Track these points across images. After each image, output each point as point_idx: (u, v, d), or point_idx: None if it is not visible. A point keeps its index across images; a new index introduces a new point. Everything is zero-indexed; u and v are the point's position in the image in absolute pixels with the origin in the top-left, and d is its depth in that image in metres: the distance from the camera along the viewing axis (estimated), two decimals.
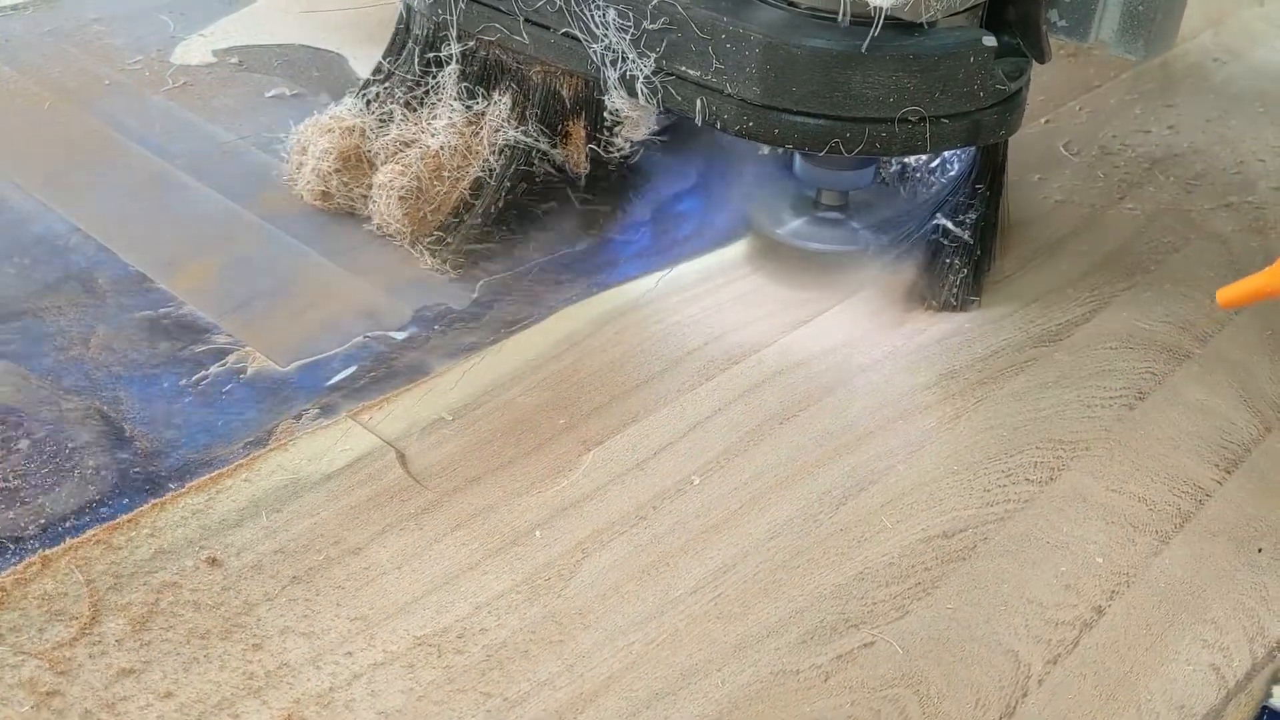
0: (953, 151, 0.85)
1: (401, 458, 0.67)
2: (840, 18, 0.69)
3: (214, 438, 0.68)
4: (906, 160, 0.90)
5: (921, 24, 0.69)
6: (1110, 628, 0.59)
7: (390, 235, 0.85)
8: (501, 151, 0.84)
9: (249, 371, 0.73)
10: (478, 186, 0.85)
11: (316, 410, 0.70)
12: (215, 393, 0.72)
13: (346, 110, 0.89)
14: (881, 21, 0.67)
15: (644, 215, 0.92)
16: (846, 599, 0.60)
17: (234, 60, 1.13)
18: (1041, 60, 0.75)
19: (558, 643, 0.57)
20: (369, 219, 0.86)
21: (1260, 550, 0.64)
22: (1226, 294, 0.68)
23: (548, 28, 0.79)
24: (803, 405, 0.73)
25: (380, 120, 0.88)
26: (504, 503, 0.65)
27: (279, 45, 1.17)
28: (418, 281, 0.83)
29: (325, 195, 0.88)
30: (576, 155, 0.87)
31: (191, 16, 1.21)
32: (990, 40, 0.70)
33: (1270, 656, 0.58)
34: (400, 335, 0.77)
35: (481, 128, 0.84)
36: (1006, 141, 0.79)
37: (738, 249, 0.89)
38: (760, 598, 0.60)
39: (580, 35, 0.76)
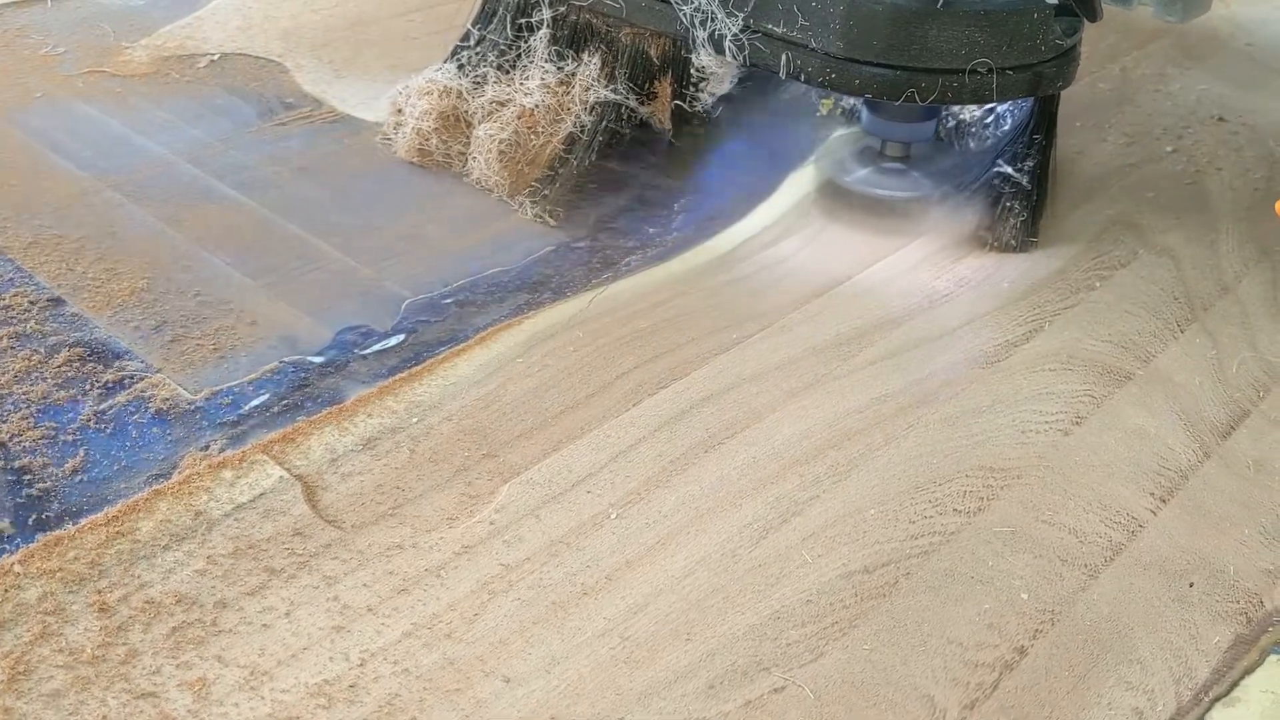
0: (1005, 108, 0.94)
1: (309, 491, 0.64)
2: None
3: (116, 471, 0.65)
4: (962, 116, 0.98)
5: None
6: (1031, 669, 0.57)
7: (489, 188, 0.93)
8: (592, 109, 0.91)
9: (158, 400, 0.70)
10: (570, 141, 0.92)
11: (225, 441, 0.68)
12: (121, 423, 0.69)
13: (442, 74, 0.96)
14: None
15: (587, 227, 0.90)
16: (760, 640, 0.57)
17: (173, 72, 1.10)
18: (1093, 19, 0.80)
19: (454, 692, 0.54)
20: (467, 174, 0.94)
21: (1191, 585, 0.61)
22: None
23: None
24: (729, 432, 0.70)
25: (474, 83, 0.95)
26: (411, 540, 0.62)
27: (221, 55, 1.13)
28: (342, 302, 0.80)
29: (424, 152, 0.96)
30: (662, 112, 0.94)
31: (134, 24, 1.18)
32: None
33: (1197, 700, 0.56)
34: (318, 359, 0.74)
35: (573, 87, 0.91)
36: (1059, 94, 0.86)
37: (679, 264, 0.86)
38: (671, 640, 0.57)
39: None
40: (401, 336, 0.77)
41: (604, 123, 0.92)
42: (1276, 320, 0.82)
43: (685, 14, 0.85)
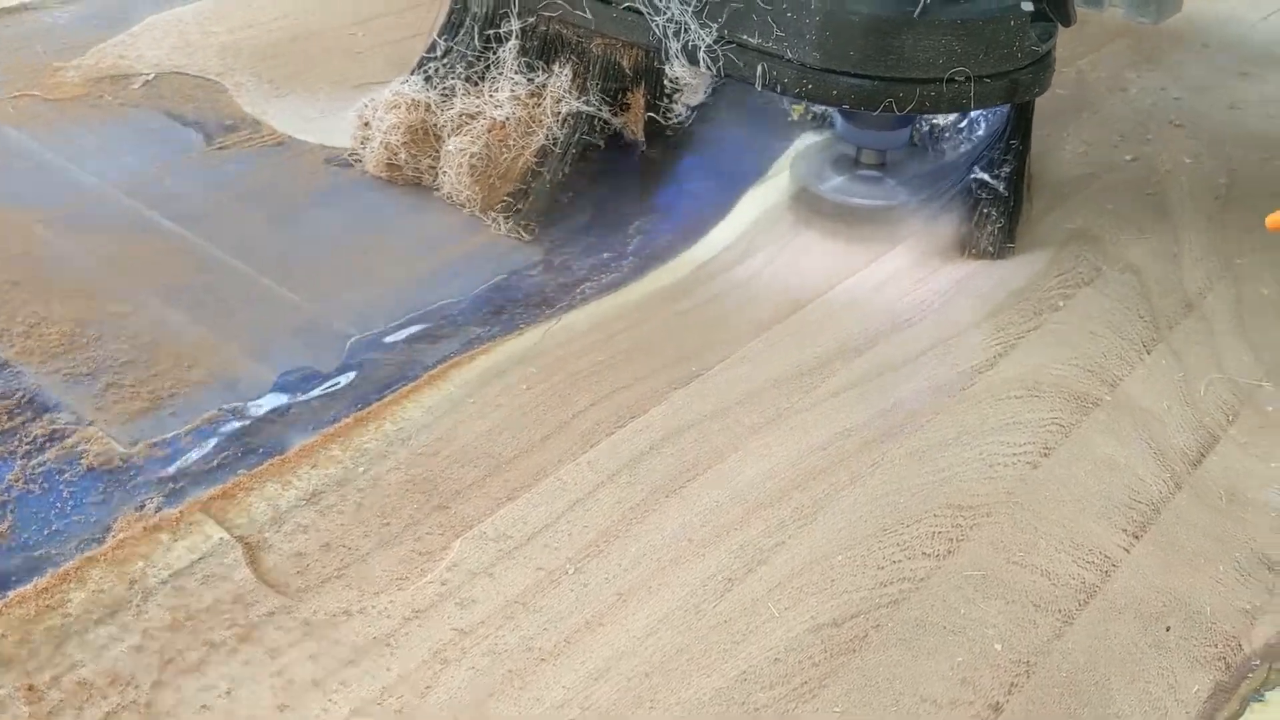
0: (979, 113, 0.93)
1: (251, 553, 0.61)
2: None
3: (46, 537, 0.61)
4: (936, 120, 0.97)
5: None
6: None
7: (460, 203, 0.90)
8: (564, 121, 0.89)
9: (91, 455, 0.66)
10: (543, 154, 0.90)
11: (162, 499, 0.64)
12: (52, 482, 0.65)
13: (409, 86, 0.94)
14: None
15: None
16: (727, 705, 0.55)
17: (106, 94, 1.05)
18: (1067, 23, 0.80)
19: None
20: (437, 189, 0.92)
21: (1168, 629, 0.59)
22: (1276, 218, 0.69)
23: (610, 3, 0.84)
24: (691, 474, 0.67)
25: (443, 95, 0.93)
26: (359, 604, 0.58)
27: (156, 75, 1.09)
28: (285, 341, 0.76)
29: (393, 167, 0.94)
30: (635, 123, 0.92)
31: (66, 42, 1.13)
32: (1029, 5, 0.77)
33: None
34: (259, 406, 0.71)
35: (544, 99, 0.90)
36: (1034, 100, 0.85)
37: (637, 289, 0.83)
38: (633, 710, 0.54)
39: (643, 8, 0.82)
40: (347, 377, 0.74)
41: (577, 135, 0.90)
42: (1242, 338, 0.80)
43: (658, 25, 0.83)
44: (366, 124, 0.96)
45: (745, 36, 0.80)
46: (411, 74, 0.96)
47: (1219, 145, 1.05)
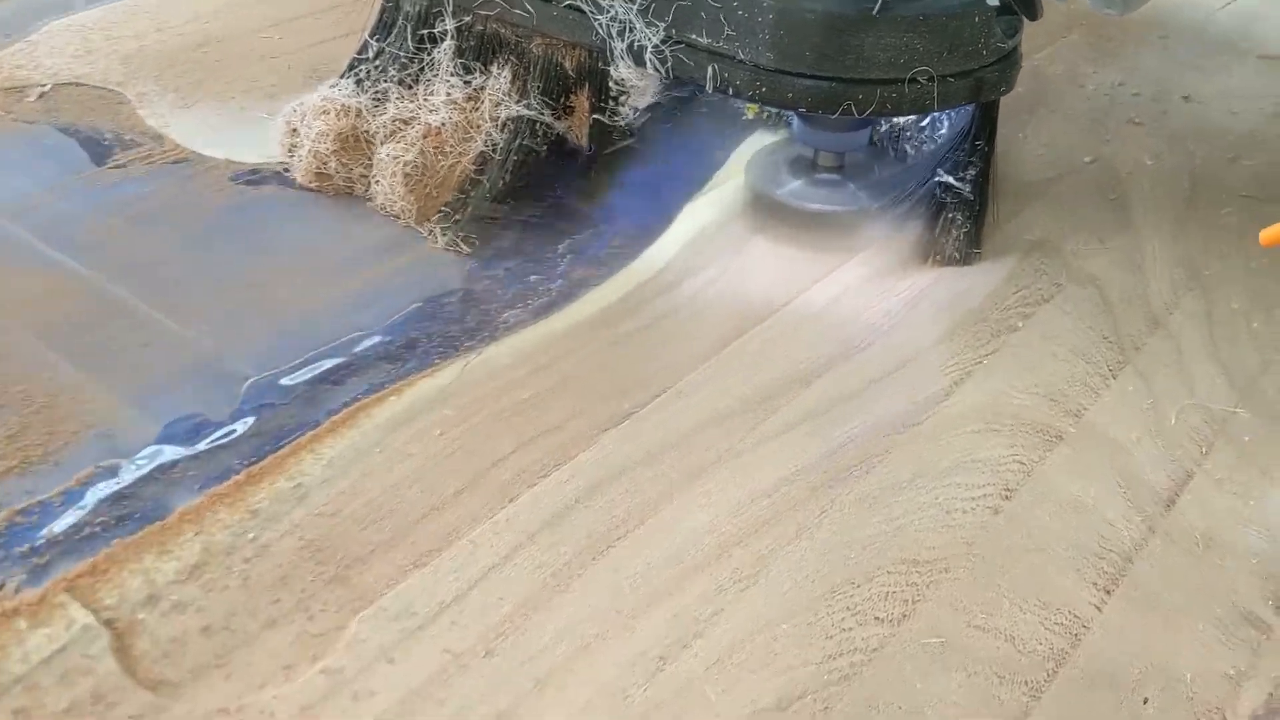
0: (943, 112, 0.87)
1: (120, 641, 0.53)
2: None
3: None
4: (897, 121, 0.91)
5: None
6: None
7: (395, 214, 0.84)
8: (504, 126, 0.83)
9: None
10: (482, 161, 0.83)
11: (25, 576, 0.56)
12: None
13: (339, 90, 0.87)
14: None
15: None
16: None
17: None
18: (1033, 17, 0.74)
19: None
20: (370, 199, 0.85)
21: (1146, 701, 0.53)
22: (1269, 233, 0.64)
23: (549, 0, 0.77)
24: (620, 531, 0.60)
25: (375, 99, 0.86)
26: (239, 700, 0.51)
27: (53, 86, 1.00)
28: (174, 385, 0.69)
29: (323, 176, 0.86)
30: (580, 127, 0.85)
31: None
32: (994, 0, 0.71)
33: None
34: (140, 463, 0.63)
35: (482, 102, 0.83)
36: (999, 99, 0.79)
37: (568, 315, 0.76)
38: None
39: (585, 7, 0.76)
40: (243, 425, 0.66)
41: (517, 140, 0.83)
42: (1213, 358, 0.75)
43: (601, 24, 0.77)
44: (295, 131, 0.89)
45: (694, 36, 0.74)
46: (342, 77, 0.89)
47: (1180, 143, 0.99)
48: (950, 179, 0.80)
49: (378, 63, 0.89)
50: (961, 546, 0.60)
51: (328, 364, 0.71)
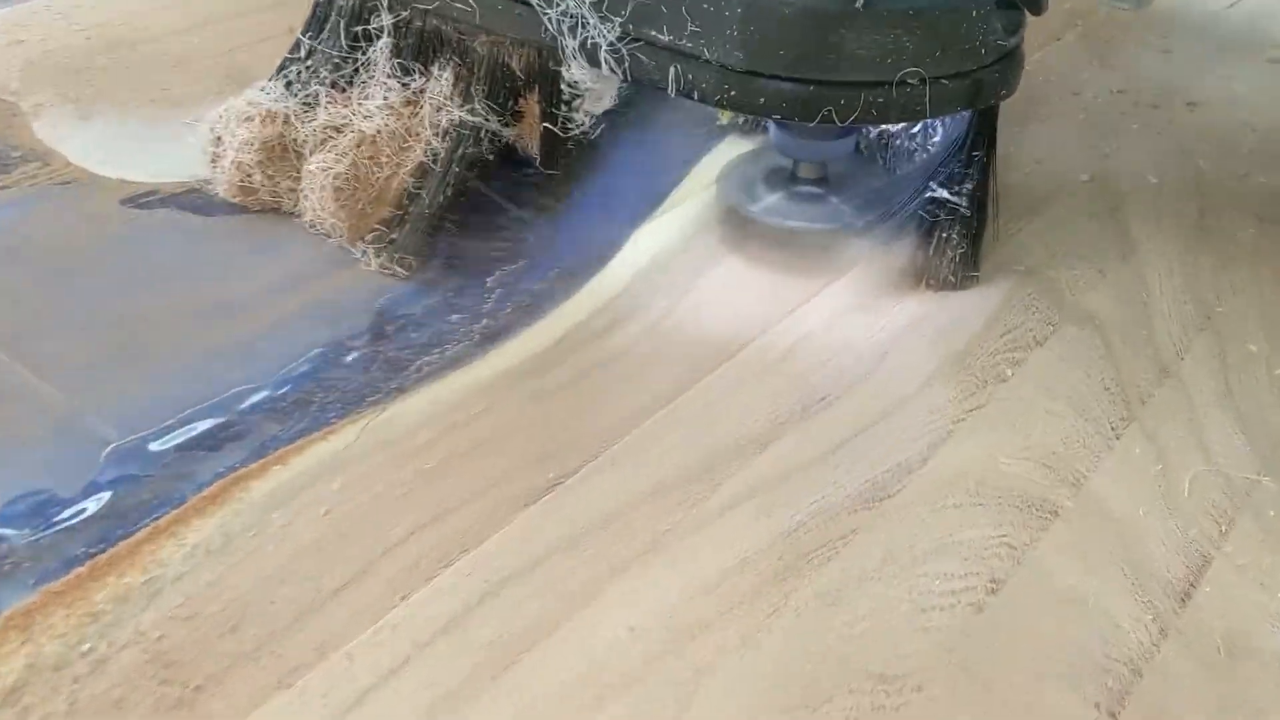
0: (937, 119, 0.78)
1: None
2: None
3: None
4: (886, 126, 0.81)
5: None
6: None
7: (326, 233, 0.75)
8: (446, 133, 0.74)
9: None
10: (421, 173, 0.74)
11: None
12: None
13: (266, 94, 0.78)
14: None
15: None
16: None
17: None
18: (1037, 11, 0.66)
19: None
20: (299, 215, 0.76)
21: None
22: None
23: None
24: (529, 641, 0.50)
25: (305, 104, 0.77)
26: None
27: None
28: (21, 455, 0.58)
29: (247, 190, 0.78)
30: (530, 135, 0.77)
31: None
32: None
33: None
34: None
35: (421, 107, 0.74)
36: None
37: (492, 363, 0.66)
38: None
39: (532, 0, 0.68)
40: (93, 504, 0.56)
41: (460, 150, 0.74)
42: (1230, 412, 0.65)
43: (550, 19, 0.68)
44: (219, 140, 0.79)
45: (654, 33, 0.65)
46: (271, 79, 0.80)
47: (1186, 159, 0.89)
48: (945, 193, 0.72)
49: (309, 63, 0.79)
50: (939, 655, 0.50)
51: (204, 425, 0.61)
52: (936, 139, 0.79)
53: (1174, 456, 0.61)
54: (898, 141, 0.82)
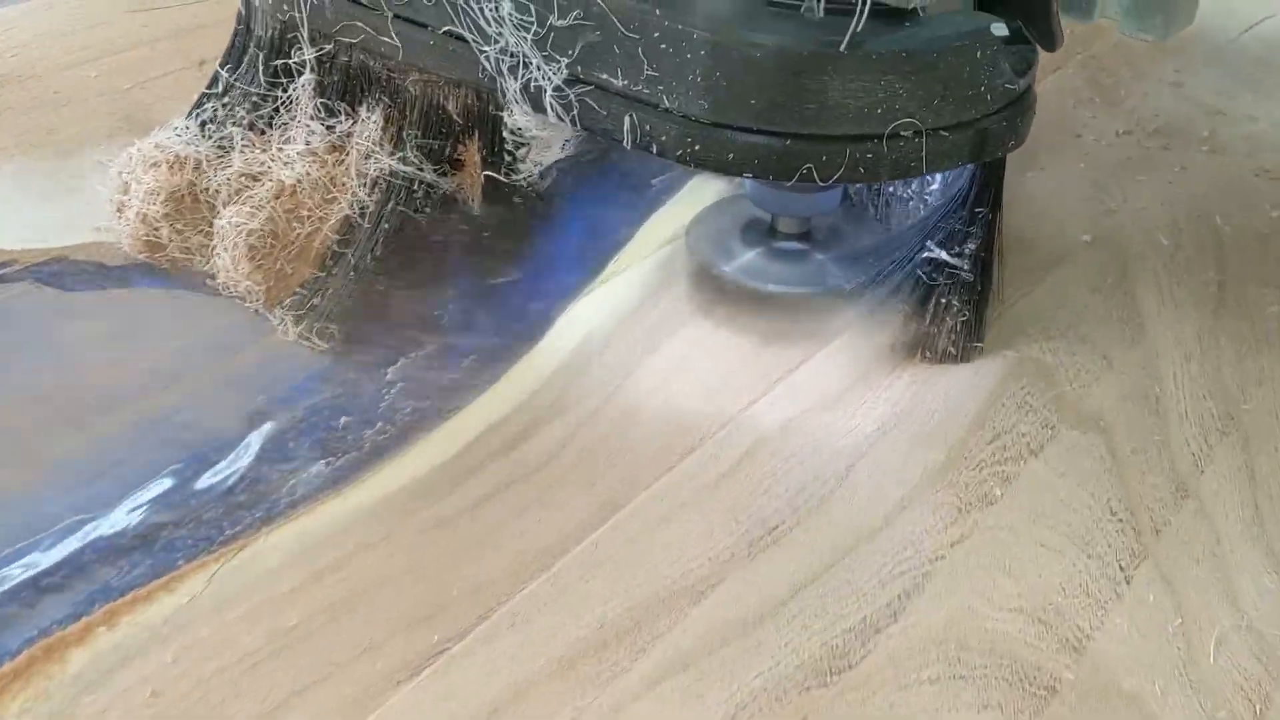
0: None
1: None
2: (809, 5, 0.54)
3: None
4: None
5: (915, 9, 0.54)
6: None
7: (240, 296, 0.65)
8: (375, 184, 0.65)
9: None
10: (347, 229, 0.65)
11: None
12: None
13: (179, 136, 0.69)
14: (867, 9, 0.52)
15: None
16: None
17: None
18: (1052, 47, 0.59)
19: None
20: (211, 275, 0.66)
21: None
22: None
23: (425, 25, 0.61)
24: None
25: (219, 147, 0.68)
26: None
27: None
28: None
29: (154, 246, 0.68)
30: (471, 186, 0.69)
31: None
32: (1000, 28, 0.56)
33: None
34: None
35: (348, 154, 0.66)
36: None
37: (378, 484, 0.55)
38: None
39: (468, 35, 0.59)
40: None
41: (391, 203, 0.66)
42: (1259, 544, 0.54)
43: (489, 58, 0.59)
44: (127, 188, 0.69)
45: (606, 76, 0.56)
46: (186, 118, 0.70)
47: (1203, 216, 0.78)
48: (944, 254, 0.62)
49: (226, 100, 0.70)
50: None
51: (22, 572, 0.50)
52: (935, 187, 0.69)
53: (1195, 607, 0.50)
54: (891, 189, 0.72)
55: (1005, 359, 0.65)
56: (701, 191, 0.77)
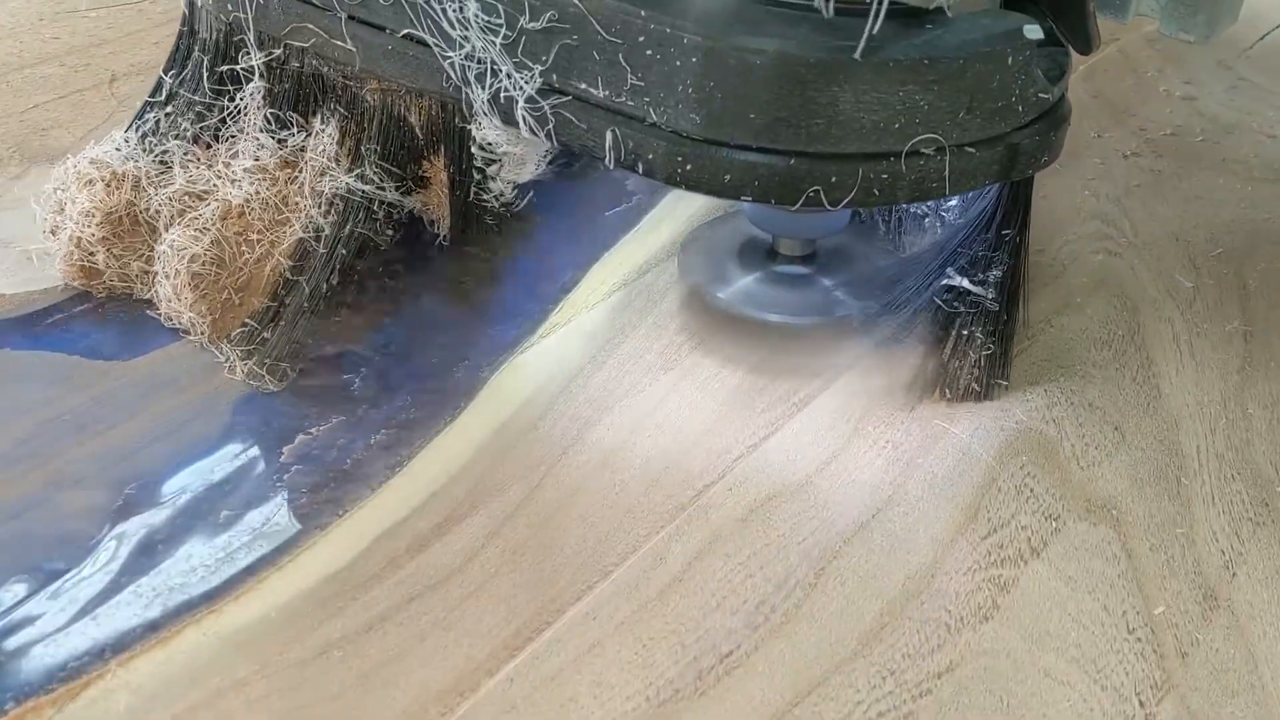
0: None
1: None
2: (818, 3, 0.47)
3: None
4: None
5: (938, 8, 0.48)
6: None
7: (183, 329, 0.59)
8: (331, 204, 0.59)
9: None
10: (301, 254, 0.59)
11: None
12: None
13: (116, 150, 0.62)
14: (884, 10, 0.45)
15: None
16: None
17: None
18: (1086, 50, 0.53)
19: None
20: (152, 304, 0.60)
21: None
22: None
23: (382, 28, 0.55)
24: None
25: (161, 163, 0.62)
26: None
27: None
28: None
29: (91, 273, 0.62)
30: (439, 205, 0.64)
31: None
32: (1035, 30, 0.49)
33: None
34: None
35: (301, 171, 0.60)
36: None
37: (255, 603, 0.46)
38: None
39: (429, 39, 0.53)
40: None
41: (349, 226, 0.59)
42: None
43: (454, 65, 0.52)
44: (61, 207, 0.62)
45: (585, 86, 0.49)
46: (127, 130, 0.64)
47: (1225, 253, 0.69)
48: (965, 282, 0.55)
49: (170, 110, 0.63)
50: None
51: None
52: (953, 203, 0.63)
53: None
54: (905, 206, 0.65)
55: (1003, 431, 0.56)
56: (672, 217, 0.69)
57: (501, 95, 0.51)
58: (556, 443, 0.54)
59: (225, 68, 0.61)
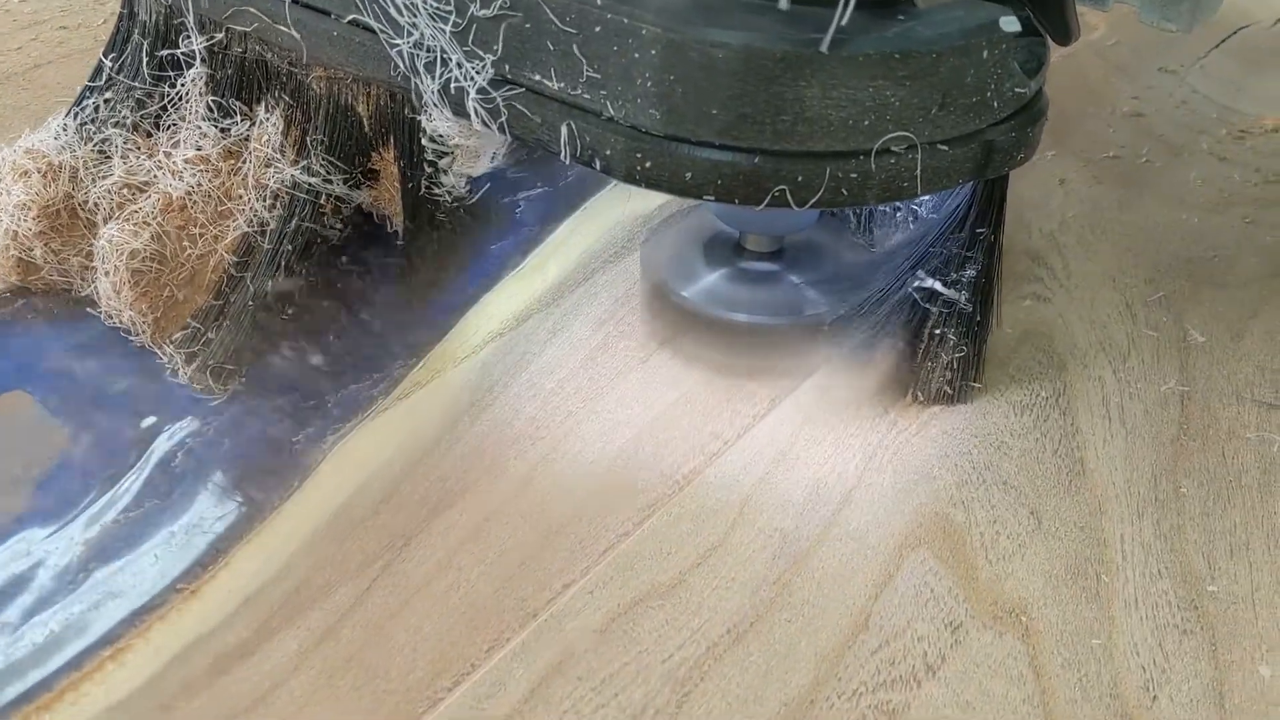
0: None
1: None
2: None
3: None
4: None
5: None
6: None
7: (125, 327, 0.56)
8: (276, 197, 0.57)
9: None
10: (246, 249, 0.57)
11: None
12: None
13: (53, 139, 0.60)
14: (852, 1, 0.42)
15: None
16: None
17: None
18: (1066, 41, 0.50)
19: None
20: (94, 303, 0.58)
21: None
22: None
23: (327, 13, 0.53)
24: None
25: (100, 152, 0.59)
26: None
27: None
28: None
29: (28, 268, 0.60)
30: (389, 200, 0.61)
31: None
32: (1012, 22, 0.46)
33: None
34: None
35: (245, 161, 0.58)
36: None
37: (105, 694, 0.40)
38: None
39: (376, 25, 0.50)
40: None
41: (295, 220, 0.56)
42: None
43: (402, 53, 0.49)
44: None
45: (539, 78, 0.47)
46: (64, 117, 0.61)
47: (1167, 302, 0.63)
48: (937, 285, 0.53)
49: (109, 96, 0.60)
50: None
51: None
52: (927, 198, 0.60)
53: None
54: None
55: (903, 514, 0.49)
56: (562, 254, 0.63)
57: (452, 85, 0.49)
58: (399, 533, 0.48)
59: (166, 52, 0.58)
